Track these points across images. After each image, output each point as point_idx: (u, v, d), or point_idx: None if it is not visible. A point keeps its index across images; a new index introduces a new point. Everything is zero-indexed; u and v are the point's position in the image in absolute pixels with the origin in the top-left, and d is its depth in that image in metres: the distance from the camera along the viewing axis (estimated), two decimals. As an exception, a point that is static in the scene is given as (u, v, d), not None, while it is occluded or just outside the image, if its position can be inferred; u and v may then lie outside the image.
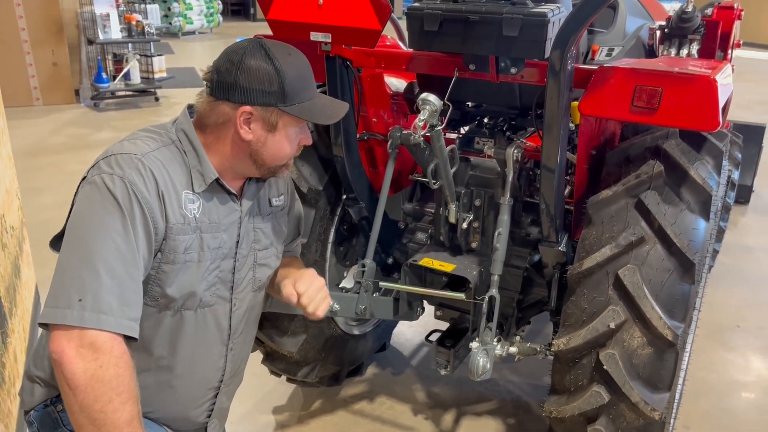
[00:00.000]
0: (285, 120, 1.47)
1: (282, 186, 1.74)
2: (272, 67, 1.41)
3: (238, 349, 1.65)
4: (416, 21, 2.06)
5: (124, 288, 1.30)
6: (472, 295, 2.29)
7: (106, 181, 1.34)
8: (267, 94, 1.42)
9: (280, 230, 1.71)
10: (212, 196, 1.49)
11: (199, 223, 1.46)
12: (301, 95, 1.46)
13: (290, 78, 1.44)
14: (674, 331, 1.81)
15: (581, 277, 1.95)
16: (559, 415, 1.98)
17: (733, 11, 3.11)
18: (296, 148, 1.55)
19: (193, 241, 1.44)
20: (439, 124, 2.05)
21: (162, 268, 1.41)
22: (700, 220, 1.92)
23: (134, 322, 1.33)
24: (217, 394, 1.63)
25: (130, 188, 1.33)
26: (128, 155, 1.38)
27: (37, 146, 6.42)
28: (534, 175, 2.38)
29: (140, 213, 1.34)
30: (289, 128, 1.49)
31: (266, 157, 1.50)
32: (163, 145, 1.44)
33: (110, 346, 1.27)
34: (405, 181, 2.68)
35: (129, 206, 1.33)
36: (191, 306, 1.48)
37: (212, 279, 1.50)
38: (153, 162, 1.39)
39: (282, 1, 2.07)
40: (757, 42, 13.41)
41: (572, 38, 1.80)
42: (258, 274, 1.63)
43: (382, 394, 2.95)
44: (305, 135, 1.57)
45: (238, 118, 1.43)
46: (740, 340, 3.46)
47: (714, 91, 1.81)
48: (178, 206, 1.41)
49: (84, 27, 8.02)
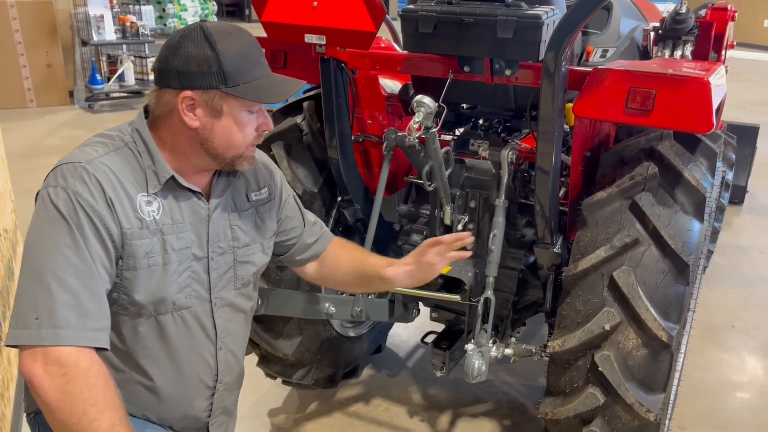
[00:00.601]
0: (230, 103, 1.38)
1: (263, 179, 1.66)
2: (210, 47, 1.34)
3: (229, 347, 1.60)
4: (411, 23, 2.06)
5: (81, 300, 1.28)
6: (468, 296, 2.30)
7: (50, 195, 1.31)
8: (206, 76, 1.34)
9: (264, 225, 1.64)
10: (172, 196, 1.43)
11: (160, 225, 1.40)
12: (245, 75, 1.37)
13: (230, 57, 1.35)
14: (669, 332, 1.82)
15: (576, 278, 1.95)
16: (554, 416, 1.98)
17: (727, 12, 3.12)
18: (253, 134, 1.45)
19: (155, 244, 1.39)
20: (433, 126, 2.05)
21: (124, 275, 1.37)
22: (695, 222, 1.93)
23: (99, 332, 1.30)
24: (213, 393, 1.60)
25: (74, 199, 1.30)
26: (74, 164, 1.34)
27: (31, 148, 6.39)
28: (529, 176, 2.38)
29: (88, 222, 1.30)
30: (237, 112, 1.39)
31: (217, 146, 1.41)
32: (113, 149, 1.39)
33: (75, 360, 1.25)
34: (400, 183, 2.68)
35: (75, 217, 1.29)
36: (164, 311, 1.44)
37: (184, 281, 1.46)
38: (99, 168, 1.34)
39: (276, 3, 2.07)
40: (751, 42, 13.45)
41: (566, 40, 1.81)
42: (240, 272, 1.58)
43: (378, 396, 2.95)
44: (264, 120, 1.46)
45: (180, 105, 1.36)
46: (735, 341, 3.47)
47: (707, 93, 1.81)
48: (133, 210, 1.37)
49: (78, 28, 7.99)
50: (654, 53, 2.98)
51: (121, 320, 1.41)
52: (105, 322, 1.33)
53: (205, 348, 1.54)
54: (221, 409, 1.64)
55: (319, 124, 2.40)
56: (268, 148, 2.41)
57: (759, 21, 13.97)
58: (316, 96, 2.41)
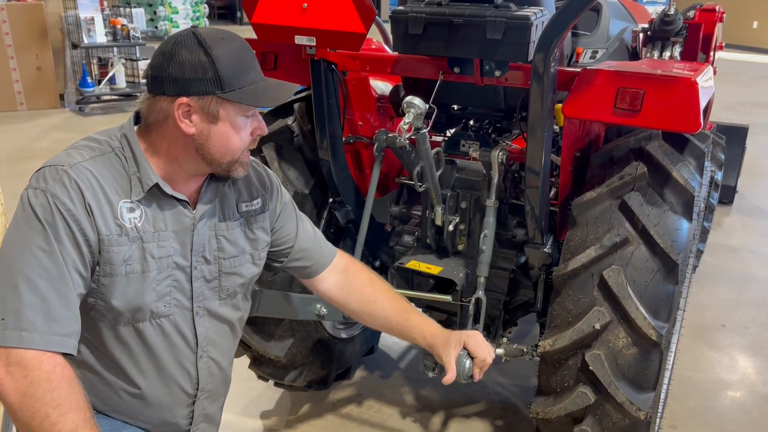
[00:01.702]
0: (227, 108, 1.38)
1: (257, 190, 1.63)
2: (205, 53, 1.34)
3: (211, 355, 1.57)
4: (400, 24, 2.06)
5: (50, 304, 1.27)
6: (459, 297, 2.30)
7: (30, 197, 1.31)
8: (202, 82, 1.34)
9: (255, 237, 1.61)
10: (156, 203, 1.42)
11: (141, 233, 1.39)
12: (240, 80, 1.37)
13: (225, 63, 1.35)
14: (658, 331, 1.83)
15: (566, 278, 1.96)
16: (545, 416, 1.98)
17: (715, 14, 3.15)
18: (248, 139, 1.45)
19: (134, 251, 1.38)
20: (424, 126, 2.05)
21: (101, 281, 1.36)
22: (683, 221, 1.94)
23: (66, 338, 1.29)
24: (194, 401, 1.58)
25: (51, 201, 1.29)
26: (56, 167, 1.33)
27: (22, 151, 6.37)
28: (519, 177, 2.39)
29: (64, 226, 1.29)
30: (233, 117, 1.39)
31: (213, 152, 1.40)
32: (99, 154, 1.39)
33: (38, 363, 1.24)
34: (391, 184, 2.69)
35: (51, 220, 1.28)
36: (142, 318, 1.43)
37: (164, 289, 1.44)
38: (81, 173, 1.33)
39: (266, 4, 2.07)
40: (740, 44, 13.56)
41: (555, 41, 1.82)
42: (225, 282, 1.55)
43: (371, 398, 2.95)
44: (258, 124, 1.46)
45: (176, 111, 1.35)
46: (725, 340, 3.49)
47: (695, 93, 1.83)
48: (113, 217, 1.36)
49: (68, 31, 7.97)
50: (643, 54, 3.00)
51: (100, 326, 1.40)
52: (74, 327, 1.31)
53: (184, 356, 1.53)
54: (203, 417, 1.62)
55: (309, 126, 2.40)
56: (259, 149, 2.41)
57: (748, 23, 14.09)
58: (307, 97, 2.41)
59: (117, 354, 1.44)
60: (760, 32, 14.15)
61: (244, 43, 1.42)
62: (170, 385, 1.52)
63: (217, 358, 1.60)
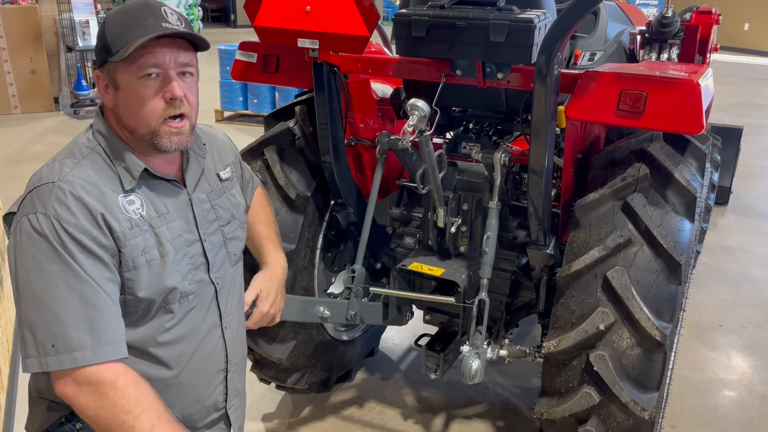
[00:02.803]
0: (120, 72, 1.33)
1: (226, 156, 1.66)
2: (102, 25, 1.35)
3: (233, 327, 1.62)
4: (403, 27, 2.07)
5: (90, 317, 1.29)
6: (462, 298, 2.31)
7: (32, 223, 1.29)
8: (100, 53, 1.35)
9: (237, 201, 1.65)
10: (150, 189, 1.42)
11: (149, 220, 1.39)
12: (123, 39, 1.30)
13: (110, 28, 1.33)
14: (662, 331, 1.84)
15: (570, 279, 1.97)
16: (550, 417, 1.99)
17: (711, 16, 3.17)
18: (160, 104, 1.35)
19: (148, 240, 1.38)
20: (427, 129, 2.06)
21: (126, 276, 1.37)
22: (686, 222, 1.96)
23: (116, 344, 1.32)
24: (226, 375, 1.61)
25: (55, 223, 1.28)
26: (46, 186, 1.31)
27: (16, 155, 6.34)
28: (521, 178, 2.40)
29: (75, 244, 1.28)
30: (127, 80, 1.33)
31: (128, 121, 1.37)
32: (82, 158, 1.37)
33: (100, 376, 1.28)
34: (392, 186, 2.69)
35: (60, 241, 1.28)
36: (173, 300, 1.44)
37: (185, 268, 1.46)
38: (73, 183, 1.31)
39: (269, 7, 2.07)
40: (733, 45, 13.65)
41: (559, 43, 1.83)
42: (231, 248, 1.60)
43: (372, 399, 2.95)
44: (167, 86, 1.35)
45: (98, 86, 1.39)
46: (723, 339, 3.52)
47: (698, 95, 1.84)
48: (120, 212, 1.35)
49: (63, 34, 7.95)
50: (641, 56, 3.02)
51: (134, 320, 1.41)
52: (119, 331, 1.34)
53: (213, 332, 1.56)
54: (235, 392, 1.65)
55: (311, 128, 2.41)
56: (261, 152, 2.41)
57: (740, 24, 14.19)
58: (308, 100, 2.41)
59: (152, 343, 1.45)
60: (752, 34, 14.25)
61: (143, 4, 1.35)
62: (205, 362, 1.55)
63: (236, 328, 1.64)
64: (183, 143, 1.41)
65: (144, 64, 1.32)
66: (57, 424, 1.46)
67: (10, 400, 2.70)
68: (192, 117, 1.42)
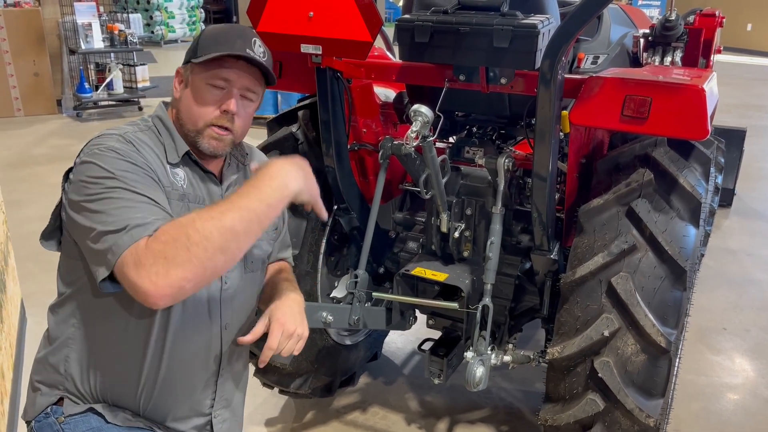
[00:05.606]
0: (195, 72, 1.48)
1: None
2: (200, 32, 1.50)
3: (234, 329, 1.61)
4: (407, 33, 2.07)
5: (157, 201, 1.36)
6: (465, 303, 2.30)
7: (100, 150, 1.37)
8: (188, 53, 1.51)
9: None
10: (192, 172, 1.52)
11: (186, 193, 1.48)
12: (211, 48, 1.46)
13: (206, 36, 1.50)
14: (667, 337, 1.83)
15: (574, 285, 1.96)
16: (554, 423, 1.98)
17: (715, 18, 3.16)
18: (213, 111, 1.48)
19: (182, 209, 1.44)
20: (430, 135, 2.05)
21: None
22: (690, 227, 1.95)
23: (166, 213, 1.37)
24: (217, 380, 1.60)
25: (122, 152, 1.38)
26: (109, 135, 1.43)
27: (19, 158, 6.34)
28: (524, 183, 2.40)
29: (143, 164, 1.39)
30: (197, 83, 1.48)
31: (182, 116, 1.51)
32: (140, 130, 1.49)
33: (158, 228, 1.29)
34: (395, 191, 2.69)
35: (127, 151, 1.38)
36: None
37: None
38: (134, 139, 1.43)
39: (272, 13, 2.07)
40: (735, 46, 13.63)
41: (563, 49, 1.82)
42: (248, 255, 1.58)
43: (375, 404, 2.95)
44: (228, 100, 1.48)
45: (174, 79, 1.54)
46: (727, 343, 3.50)
47: (703, 100, 1.84)
48: (166, 175, 1.45)
49: (65, 37, 7.95)
50: (644, 60, 3.01)
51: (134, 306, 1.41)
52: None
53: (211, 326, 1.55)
54: (225, 401, 1.63)
55: (314, 133, 2.40)
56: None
57: (742, 25, 14.17)
58: (311, 105, 2.41)
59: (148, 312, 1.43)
60: (755, 34, 14.24)
61: (238, 27, 1.53)
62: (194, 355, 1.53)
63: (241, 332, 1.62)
64: (220, 149, 1.52)
65: (216, 75, 1.47)
66: (43, 415, 1.48)
67: (14, 406, 2.70)
68: (236, 134, 1.53)
